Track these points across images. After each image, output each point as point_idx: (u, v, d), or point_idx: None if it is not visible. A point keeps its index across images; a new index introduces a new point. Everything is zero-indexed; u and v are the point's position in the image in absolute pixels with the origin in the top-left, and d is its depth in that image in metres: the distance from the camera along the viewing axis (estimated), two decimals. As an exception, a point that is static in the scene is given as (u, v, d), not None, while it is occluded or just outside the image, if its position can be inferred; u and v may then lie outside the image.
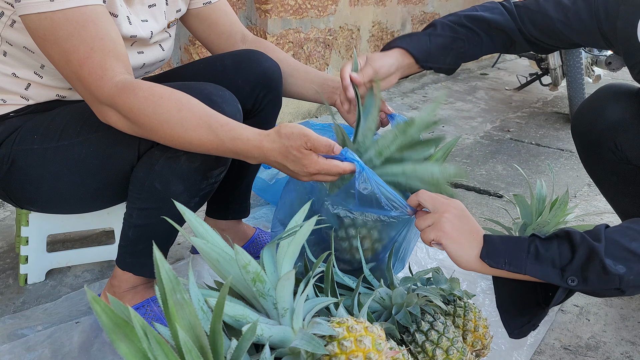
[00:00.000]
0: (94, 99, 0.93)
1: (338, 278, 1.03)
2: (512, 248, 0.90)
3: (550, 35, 1.26)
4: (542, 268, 0.88)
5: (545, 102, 3.67)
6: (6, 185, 1.09)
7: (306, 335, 0.72)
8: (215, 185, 1.12)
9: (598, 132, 1.35)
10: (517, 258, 0.89)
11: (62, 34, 0.88)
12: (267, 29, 2.63)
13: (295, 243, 0.79)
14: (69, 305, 1.27)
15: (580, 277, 0.85)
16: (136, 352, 0.59)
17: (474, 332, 1.10)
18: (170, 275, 0.62)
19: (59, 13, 0.87)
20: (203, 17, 1.27)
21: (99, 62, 0.90)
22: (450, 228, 0.92)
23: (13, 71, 1.04)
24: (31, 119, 1.07)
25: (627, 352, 1.25)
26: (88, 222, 1.36)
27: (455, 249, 0.91)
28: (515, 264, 0.89)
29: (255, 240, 1.50)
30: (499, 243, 0.90)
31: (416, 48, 1.21)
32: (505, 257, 0.90)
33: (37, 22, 0.88)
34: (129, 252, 1.14)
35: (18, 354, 1.10)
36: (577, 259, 0.85)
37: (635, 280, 0.84)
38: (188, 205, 1.07)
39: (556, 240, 0.88)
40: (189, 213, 0.75)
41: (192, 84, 1.03)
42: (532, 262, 0.88)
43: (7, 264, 1.43)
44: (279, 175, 1.79)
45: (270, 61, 1.22)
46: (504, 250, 0.90)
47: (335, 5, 3.01)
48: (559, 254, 0.87)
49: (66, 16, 0.88)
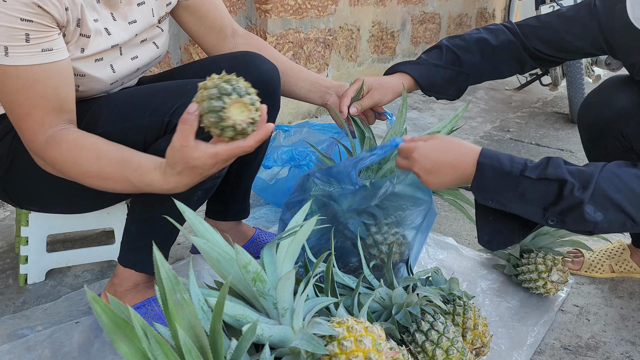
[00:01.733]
0: (28, 148, 0.97)
1: (338, 278, 1.03)
2: (501, 185, 0.94)
3: (557, 46, 1.28)
4: (525, 207, 0.94)
5: (545, 102, 3.67)
6: (5, 184, 1.09)
7: (306, 335, 0.72)
8: (217, 180, 1.12)
9: (605, 120, 1.36)
10: (503, 197, 0.94)
11: (10, 87, 0.90)
12: (267, 29, 2.63)
13: (295, 243, 0.79)
14: (69, 305, 1.27)
15: (560, 219, 0.92)
16: (136, 352, 0.59)
17: (473, 329, 1.10)
18: (170, 275, 0.62)
19: (11, 68, 0.88)
20: (193, 9, 1.25)
21: (38, 119, 0.92)
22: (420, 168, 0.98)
23: None
24: None
25: (627, 352, 1.25)
26: (88, 222, 1.36)
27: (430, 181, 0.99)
28: (501, 202, 0.95)
29: (255, 241, 1.50)
30: (489, 179, 0.94)
31: (423, 77, 1.27)
32: (492, 195, 0.95)
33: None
34: (131, 248, 1.14)
35: (18, 354, 1.10)
36: (561, 205, 0.90)
37: (608, 228, 0.92)
38: (191, 199, 1.08)
39: (545, 182, 0.91)
40: (189, 212, 0.75)
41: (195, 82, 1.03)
42: (517, 201, 0.93)
43: (7, 264, 1.43)
44: (279, 175, 1.79)
45: (267, 64, 1.21)
46: (493, 187, 0.95)
47: (335, 5, 3.01)
48: (544, 197, 0.92)
49: (18, 72, 0.89)
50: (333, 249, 1.03)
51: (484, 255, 1.63)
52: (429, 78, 1.27)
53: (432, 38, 4.10)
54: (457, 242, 1.70)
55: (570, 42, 1.26)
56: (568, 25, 1.25)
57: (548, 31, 1.27)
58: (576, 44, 1.26)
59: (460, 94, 1.34)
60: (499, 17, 5.05)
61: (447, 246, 1.66)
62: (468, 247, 1.68)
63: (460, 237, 1.76)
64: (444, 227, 1.82)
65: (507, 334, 1.27)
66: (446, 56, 1.29)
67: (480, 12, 4.70)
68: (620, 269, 1.54)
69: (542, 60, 1.33)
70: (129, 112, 1.01)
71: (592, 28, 1.24)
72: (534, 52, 1.29)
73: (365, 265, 1.07)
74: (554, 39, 1.27)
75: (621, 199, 0.90)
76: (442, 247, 1.65)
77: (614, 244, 1.59)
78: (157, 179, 0.89)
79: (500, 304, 1.39)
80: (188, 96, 1.00)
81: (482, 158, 0.95)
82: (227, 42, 1.31)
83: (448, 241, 1.69)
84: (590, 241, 1.71)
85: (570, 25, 1.25)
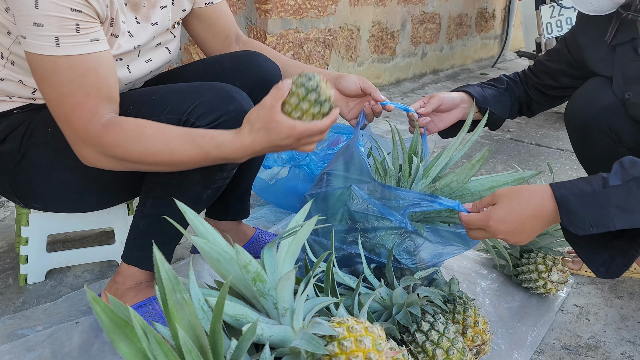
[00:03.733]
0: (79, 141, 0.95)
1: (338, 278, 1.03)
2: (594, 208, 0.87)
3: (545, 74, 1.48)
4: (630, 217, 0.86)
5: (545, 102, 3.67)
6: (13, 180, 1.09)
7: (306, 335, 0.72)
8: (226, 180, 1.13)
9: (592, 115, 1.37)
10: (602, 217, 0.87)
11: (61, 78, 0.90)
12: (267, 29, 2.63)
13: (295, 243, 0.79)
14: (69, 305, 1.27)
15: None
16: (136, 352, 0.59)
17: (473, 327, 1.10)
18: (170, 275, 0.62)
19: (63, 59, 0.88)
20: (204, 17, 1.27)
21: (91, 107, 0.92)
22: (505, 232, 0.94)
23: (20, 78, 1.05)
24: (38, 113, 1.07)
25: (627, 352, 1.25)
26: (88, 222, 1.36)
27: (519, 240, 0.95)
28: (603, 224, 0.87)
29: (255, 241, 1.50)
30: (578, 207, 0.88)
31: (475, 91, 1.39)
32: (589, 221, 0.88)
33: (39, 62, 0.89)
34: (138, 245, 1.14)
35: (18, 354, 1.10)
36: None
37: None
38: (201, 197, 1.10)
39: (634, 182, 0.86)
40: (190, 212, 0.75)
41: (212, 84, 1.06)
42: (617, 215, 0.86)
43: (7, 264, 1.43)
44: (279, 175, 1.79)
45: (269, 63, 1.22)
46: (586, 214, 0.87)
47: (335, 5, 3.01)
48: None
49: (69, 62, 0.89)
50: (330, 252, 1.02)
51: (484, 255, 1.63)
52: (479, 92, 1.39)
53: (432, 38, 4.10)
54: (457, 242, 1.70)
55: (549, 67, 1.48)
56: (547, 54, 1.51)
57: (536, 64, 1.52)
58: (553, 66, 1.47)
59: (504, 117, 1.46)
60: (499, 17, 5.05)
61: (447, 246, 1.66)
62: (468, 247, 1.68)
63: (460, 237, 1.76)
64: (444, 227, 1.82)
65: (507, 334, 1.27)
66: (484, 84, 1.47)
67: (480, 12, 4.70)
68: (620, 269, 1.54)
69: (546, 94, 1.50)
70: (147, 109, 1.03)
71: (561, 49, 1.47)
72: (535, 84, 1.49)
73: (365, 265, 1.07)
74: (540, 68, 1.50)
75: None
76: (442, 247, 1.65)
77: (614, 244, 1.59)
78: (228, 138, 0.92)
79: (500, 304, 1.39)
80: (205, 96, 1.02)
81: (558, 191, 0.90)
82: (231, 48, 1.33)
83: (448, 241, 1.69)
84: (590, 241, 1.71)
85: (548, 53, 1.51)
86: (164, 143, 0.93)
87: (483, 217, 0.95)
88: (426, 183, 1.13)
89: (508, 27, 5.14)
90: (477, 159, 1.09)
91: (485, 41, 4.97)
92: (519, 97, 1.49)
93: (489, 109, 1.37)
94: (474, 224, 0.98)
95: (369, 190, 1.09)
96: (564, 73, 1.47)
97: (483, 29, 4.85)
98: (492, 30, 5.01)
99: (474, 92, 1.38)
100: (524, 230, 0.93)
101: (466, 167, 1.10)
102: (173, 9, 1.17)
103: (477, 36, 4.80)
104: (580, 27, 1.43)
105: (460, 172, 1.11)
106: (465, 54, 4.68)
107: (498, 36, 5.17)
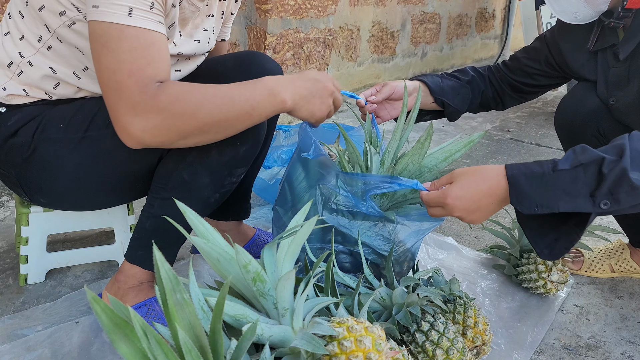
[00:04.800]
0: (128, 108, 0.92)
1: (338, 278, 1.03)
2: (541, 189, 0.91)
3: (522, 72, 1.48)
4: (574, 201, 0.89)
5: (545, 102, 3.67)
6: (22, 173, 1.09)
7: (306, 335, 0.72)
8: (234, 185, 1.15)
9: (581, 119, 1.38)
10: (547, 199, 0.90)
11: (125, 45, 0.90)
12: (267, 29, 2.63)
13: (295, 243, 0.79)
14: (69, 305, 1.27)
15: (611, 199, 0.87)
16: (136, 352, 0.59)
17: (474, 327, 1.10)
18: (170, 275, 0.62)
19: (131, 28, 0.89)
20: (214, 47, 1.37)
21: (149, 74, 0.92)
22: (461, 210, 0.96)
23: (51, 65, 1.04)
24: (51, 109, 1.07)
25: (627, 352, 1.25)
26: (88, 222, 1.36)
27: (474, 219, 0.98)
28: (548, 205, 0.91)
29: (255, 241, 1.50)
30: (526, 187, 0.92)
31: (431, 81, 1.38)
32: (535, 201, 0.91)
33: (105, 29, 0.89)
34: (142, 244, 1.14)
35: (18, 354, 1.10)
36: (606, 184, 0.87)
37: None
38: (209, 200, 1.12)
39: (581, 168, 0.89)
40: (190, 212, 0.75)
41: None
42: (562, 198, 0.90)
43: (7, 264, 1.43)
44: (279, 175, 1.79)
45: (272, 63, 1.22)
46: (533, 193, 0.91)
47: (335, 5, 3.01)
48: (587, 183, 0.88)
49: (137, 33, 0.90)
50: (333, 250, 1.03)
51: (484, 255, 1.63)
52: (436, 82, 1.39)
53: (432, 38, 4.10)
54: (457, 242, 1.70)
55: (528, 65, 1.47)
56: (525, 52, 1.50)
57: (513, 61, 1.50)
58: (533, 65, 1.47)
59: (462, 109, 1.45)
60: (499, 17, 5.05)
61: (447, 246, 1.66)
62: (468, 247, 1.68)
63: (460, 237, 1.76)
64: (444, 227, 1.82)
65: (507, 334, 1.27)
66: (447, 75, 1.46)
67: (480, 12, 4.70)
68: (620, 269, 1.54)
69: (520, 91, 1.51)
70: None
71: (542, 49, 1.46)
72: (509, 80, 1.49)
73: (365, 265, 1.07)
74: (517, 66, 1.49)
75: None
76: (442, 247, 1.65)
77: (613, 244, 1.59)
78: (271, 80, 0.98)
79: (500, 304, 1.39)
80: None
81: (510, 171, 0.94)
82: None
83: (448, 241, 1.69)
84: (590, 241, 1.71)
85: (526, 51, 1.50)
86: (214, 93, 0.94)
87: (441, 194, 0.98)
88: (384, 170, 1.15)
89: (508, 27, 5.14)
90: (425, 137, 1.10)
91: (485, 41, 4.97)
92: (482, 92, 1.48)
93: (445, 101, 1.39)
94: (432, 202, 1.01)
95: (334, 182, 1.10)
96: (543, 73, 1.47)
97: (483, 29, 4.85)
98: (492, 30, 5.02)
99: (430, 81, 1.38)
100: (480, 208, 0.96)
101: (416, 147, 1.12)
102: (212, 36, 1.21)
103: (477, 36, 4.80)
104: (561, 32, 1.43)
105: (413, 153, 1.12)
106: (465, 54, 4.68)
107: (498, 36, 5.17)
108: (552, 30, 1.46)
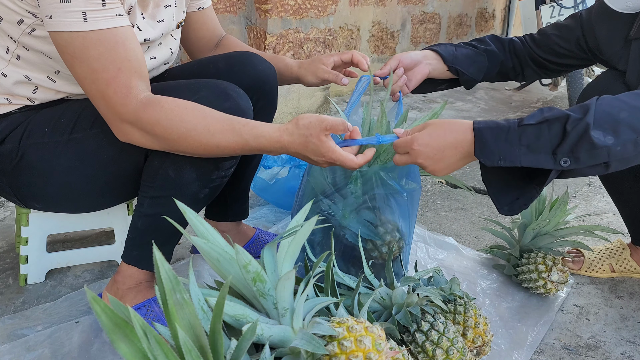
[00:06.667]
0: (115, 117, 0.96)
1: (338, 278, 1.03)
2: (505, 143, 0.92)
3: (549, 50, 1.42)
4: (536, 156, 0.91)
5: (545, 102, 3.67)
6: (13, 181, 1.09)
7: (306, 335, 0.72)
8: (224, 179, 1.14)
9: None
10: (510, 152, 0.92)
11: (93, 53, 0.91)
12: (267, 29, 2.63)
13: (295, 243, 0.79)
14: (69, 305, 1.27)
15: (572, 157, 0.89)
16: (136, 352, 0.59)
17: (474, 328, 1.10)
18: (170, 275, 0.62)
19: (92, 33, 0.90)
20: (193, 20, 1.33)
21: (124, 81, 0.93)
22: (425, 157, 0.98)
23: (25, 73, 1.04)
24: (36, 114, 1.07)
25: (627, 352, 1.25)
26: (88, 222, 1.36)
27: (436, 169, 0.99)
28: (510, 159, 0.92)
29: (255, 241, 1.50)
30: (490, 139, 0.93)
31: (444, 50, 1.36)
32: (499, 154, 0.93)
33: (68, 40, 0.90)
34: (137, 244, 1.14)
35: (18, 354, 1.10)
36: (568, 141, 0.88)
37: (623, 152, 0.88)
38: (198, 196, 1.11)
39: (546, 124, 0.91)
40: (190, 212, 0.75)
41: (208, 81, 1.07)
42: (525, 153, 0.91)
43: (7, 264, 1.43)
44: (279, 175, 1.79)
45: (264, 64, 1.22)
46: (496, 146, 0.93)
47: (335, 5, 3.01)
48: (549, 139, 0.90)
49: (99, 37, 0.90)
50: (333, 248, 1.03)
51: (484, 255, 1.63)
52: (450, 51, 1.37)
53: (432, 38, 4.10)
54: (457, 242, 1.70)
55: (558, 44, 1.41)
56: (557, 29, 1.42)
57: (542, 36, 1.43)
58: (563, 45, 1.40)
59: (478, 77, 1.41)
60: (499, 17, 5.05)
61: (447, 246, 1.66)
62: (468, 247, 1.68)
63: (460, 237, 1.76)
64: (444, 227, 1.82)
65: (507, 334, 1.27)
66: (464, 44, 1.43)
67: (480, 12, 4.70)
68: (620, 268, 1.54)
69: (544, 67, 1.44)
70: None
71: (575, 29, 1.39)
72: (534, 55, 1.42)
73: (365, 264, 1.07)
74: (545, 42, 1.42)
75: (626, 117, 0.88)
76: (442, 247, 1.65)
77: (613, 244, 1.59)
78: (269, 132, 0.95)
79: (500, 304, 1.39)
80: (199, 94, 1.03)
81: (477, 124, 0.96)
82: (211, 52, 1.38)
83: (448, 241, 1.69)
84: (590, 241, 1.71)
85: (558, 29, 1.42)
86: (205, 126, 0.94)
87: (409, 139, 1.00)
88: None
89: (508, 27, 5.14)
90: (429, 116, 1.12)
91: (485, 41, 4.96)
92: (501, 62, 1.44)
93: (459, 69, 1.37)
94: (401, 148, 1.02)
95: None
96: (572, 54, 1.42)
97: (483, 29, 4.85)
98: (492, 30, 5.01)
99: (442, 50, 1.36)
100: (443, 158, 0.97)
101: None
102: (176, 10, 1.18)
103: (477, 36, 4.80)
104: (600, 17, 1.36)
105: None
106: (465, 54, 4.67)
107: (498, 36, 5.17)
108: (589, 11, 1.40)
